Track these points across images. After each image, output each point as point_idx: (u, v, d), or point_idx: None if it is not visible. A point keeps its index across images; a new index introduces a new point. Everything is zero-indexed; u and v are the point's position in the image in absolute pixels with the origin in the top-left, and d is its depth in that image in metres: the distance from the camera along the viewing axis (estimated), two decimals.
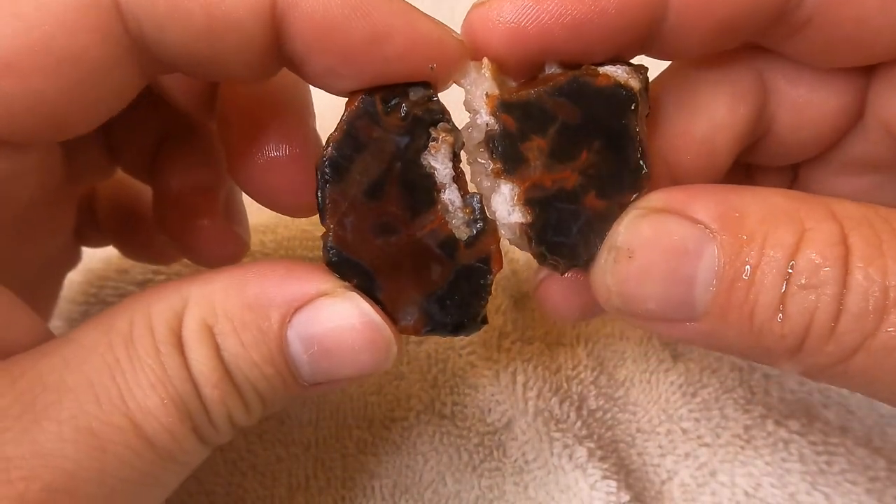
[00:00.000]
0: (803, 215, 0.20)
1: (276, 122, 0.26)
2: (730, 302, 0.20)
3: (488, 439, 0.34)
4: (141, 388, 0.21)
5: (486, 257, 0.23)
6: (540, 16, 0.22)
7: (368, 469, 0.34)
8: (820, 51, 0.24)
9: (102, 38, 0.20)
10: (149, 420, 0.21)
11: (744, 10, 0.22)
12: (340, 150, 0.22)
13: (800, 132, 0.26)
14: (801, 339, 0.20)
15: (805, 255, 0.20)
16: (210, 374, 0.21)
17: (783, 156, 0.27)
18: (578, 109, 0.22)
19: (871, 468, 0.32)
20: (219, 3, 0.20)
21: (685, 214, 0.21)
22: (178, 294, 0.22)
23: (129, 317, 0.22)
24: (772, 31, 0.23)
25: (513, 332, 0.35)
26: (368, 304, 0.23)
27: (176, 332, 0.22)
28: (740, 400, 0.34)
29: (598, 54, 0.23)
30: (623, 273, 0.22)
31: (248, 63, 0.22)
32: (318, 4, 0.21)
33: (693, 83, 0.25)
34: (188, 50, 0.21)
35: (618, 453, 0.34)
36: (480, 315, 0.24)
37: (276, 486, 0.33)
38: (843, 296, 0.19)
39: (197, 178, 0.30)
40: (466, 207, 0.23)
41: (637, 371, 0.35)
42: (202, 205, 0.30)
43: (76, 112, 0.21)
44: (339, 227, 0.23)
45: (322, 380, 0.23)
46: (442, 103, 0.23)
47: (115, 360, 0.21)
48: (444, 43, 0.22)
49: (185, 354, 0.21)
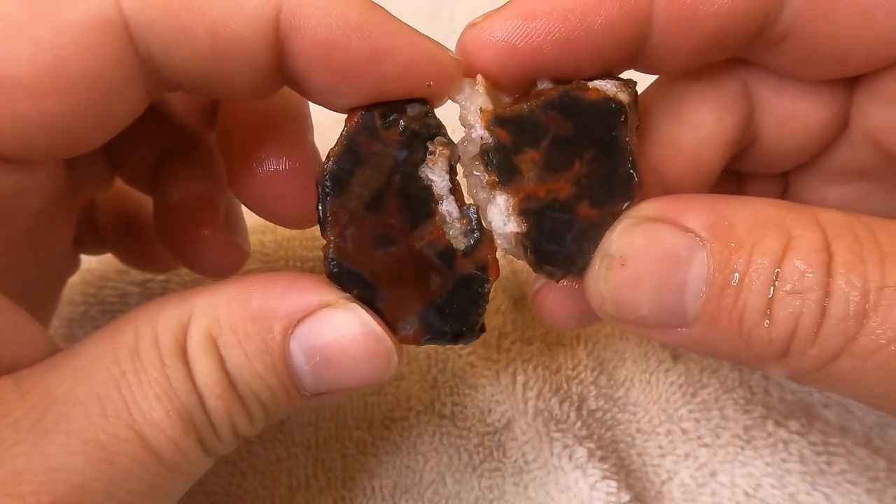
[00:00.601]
0: (790, 223, 0.21)
1: (276, 136, 0.26)
2: (719, 308, 0.21)
3: (488, 439, 0.34)
4: (147, 401, 0.21)
5: (484, 266, 0.24)
6: (529, 34, 0.22)
7: (368, 469, 0.34)
8: (799, 64, 0.24)
9: (114, 60, 0.21)
10: (155, 432, 0.21)
11: (724, 26, 0.23)
12: (341, 163, 0.23)
13: (786, 141, 0.26)
14: (786, 343, 0.20)
15: (791, 262, 0.20)
16: (214, 385, 0.22)
17: (771, 164, 0.28)
18: (570, 122, 0.23)
19: (871, 468, 0.32)
20: (224, 25, 0.21)
21: (677, 223, 0.22)
22: (183, 306, 0.22)
23: (134, 329, 0.22)
24: (753, 46, 0.24)
25: (513, 332, 0.35)
26: (369, 315, 0.23)
27: (181, 343, 0.22)
28: (740, 400, 0.34)
29: (587, 70, 0.23)
30: (616, 280, 0.22)
31: (251, 82, 0.22)
32: (320, 25, 0.21)
33: (680, 95, 0.26)
34: (193, 70, 0.22)
35: (618, 453, 0.34)
36: (479, 323, 0.24)
37: (276, 486, 0.33)
38: (825, 301, 0.20)
39: (197, 189, 0.30)
40: (463, 218, 0.24)
41: (637, 371, 0.35)
42: (203, 216, 0.30)
43: (87, 131, 0.22)
44: (340, 238, 0.23)
45: (324, 390, 0.23)
46: (438, 118, 0.23)
47: (121, 372, 0.21)
48: (440, 61, 0.23)
49: (190, 366, 0.22)
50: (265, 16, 0.21)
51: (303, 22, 0.21)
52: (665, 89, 0.26)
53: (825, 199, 0.28)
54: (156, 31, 0.21)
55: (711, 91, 0.26)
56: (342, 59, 0.21)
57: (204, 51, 0.21)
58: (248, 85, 0.22)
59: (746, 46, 0.24)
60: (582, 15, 0.22)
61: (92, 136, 0.22)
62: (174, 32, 0.21)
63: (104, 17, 0.20)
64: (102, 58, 0.20)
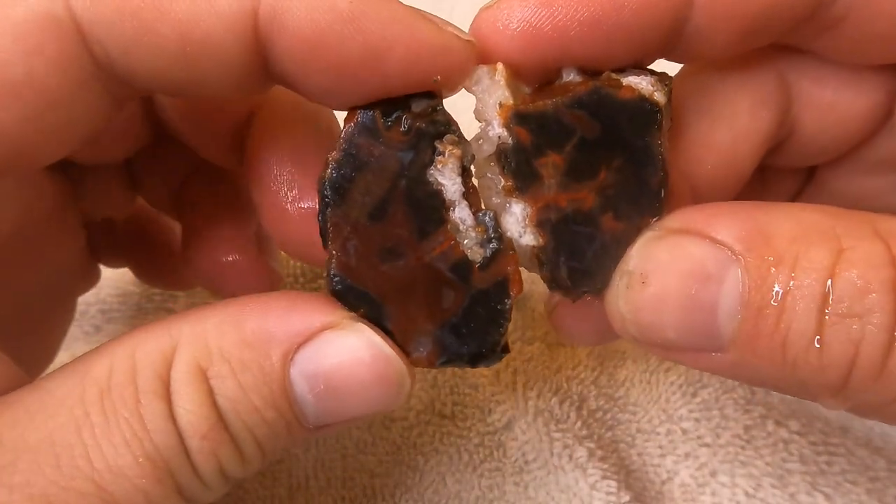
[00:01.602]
0: (840, 233, 0.18)
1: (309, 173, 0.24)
2: (758, 331, 0.18)
3: (488, 439, 0.34)
4: (112, 446, 0.19)
5: (504, 280, 0.21)
6: (554, 15, 0.20)
7: (368, 469, 0.34)
8: (853, 48, 0.22)
9: (63, 65, 0.19)
10: (119, 482, 0.18)
11: (774, 7, 0.20)
12: (340, 169, 0.21)
13: (825, 134, 0.24)
14: (845, 373, 0.18)
15: (844, 279, 0.18)
16: (199, 423, 0.19)
17: (806, 157, 0.26)
18: (598, 123, 0.21)
19: (872, 468, 0.32)
20: (194, 25, 0.19)
21: (705, 235, 0.19)
22: (167, 334, 0.20)
23: (108, 363, 0.20)
24: (802, 29, 0.22)
25: (513, 332, 0.35)
26: (378, 336, 0.21)
27: (163, 377, 0.19)
28: (740, 400, 0.34)
29: (617, 58, 0.21)
30: (636, 300, 0.20)
31: (229, 85, 0.20)
32: (306, 20, 0.19)
33: (712, 88, 0.24)
34: (160, 74, 0.19)
35: (618, 453, 0.34)
36: (501, 343, 0.22)
37: (276, 486, 0.33)
38: (894, 326, 0.17)
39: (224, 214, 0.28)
40: (479, 226, 0.21)
41: (637, 371, 0.35)
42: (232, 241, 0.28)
43: (40, 141, 0.20)
44: (343, 252, 0.21)
45: (329, 421, 0.21)
46: (448, 113, 0.21)
47: (85, 413, 0.19)
48: (448, 50, 0.20)
49: (172, 402, 0.19)
50: (241, 11, 0.19)
51: (286, 17, 0.19)
52: (695, 82, 0.24)
53: (858, 190, 0.26)
54: (112, 33, 0.19)
55: (746, 84, 0.23)
56: (334, 58, 0.19)
57: (171, 53, 0.19)
58: (227, 87, 0.20)
59: (794, 29, 0.22)
60: None
61: (48, 145, 0.20)
62: (134, 33, 0.18)
63: (50, 16, 0.18)
64: (48, 63, 0.18)
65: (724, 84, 0.24)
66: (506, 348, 0.22)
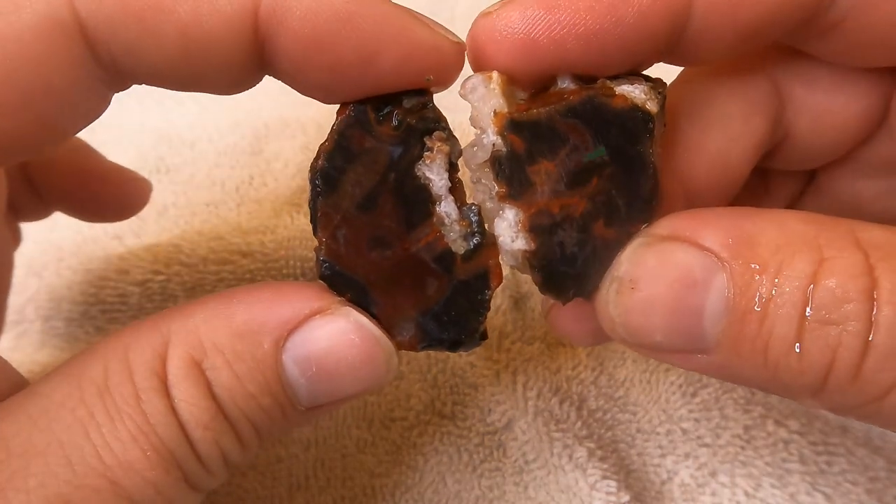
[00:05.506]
0: (823, 242, 0.19)
1: None
2: (742, 334, 0.19)
3: (488, 439, 0.34)
4: (120, 442, 0.19)
5: (485, 272, 0.22)
6: (551, 26, 0.20)
7: (368, 469, 0.34)
8: (850, 50, 0.23)
9: (69, 69, 0.19)
10: (130, 476, 0.19)
11: (773, 11, 0.21)
12: (331, 161, 0.22)
13: (819, 138, 0.25)
14: (823, 376, 0.19)
15: (824, 287, 0.18)
16: (201, 414, 0.20)
17: (803, 161, 0.26)
18: (591, 132, 0.21)
19: (871, 468, 0.32)
20: (196, 24, 0.19)
21: (693, 241, 0.20)
22: (157, 331, 0.21)
23: (102, 364, 0.20)
24: (800, 32, 0.22)
25: (513, 332, 0.35)
26: (365, 317, 0.22)
27: (158, 373, 0.20)
28: (740, 400, 0.34)
29: (613, 66, 0.21)
30: (626, 304, 0.21)
31: (227, 82, 0.21)
32: (305, 20, 0.19)
33: (705, 94, 0.24)
34: (161, 71, 0.20)
35: (618, 453, 0.34)
36: (479, 331, 0.23)
37: (276, 486, 0.33)
38: (869, 333, 0.18)
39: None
40: (463, 220, 0.22)
41: (637, 371, 0.35)
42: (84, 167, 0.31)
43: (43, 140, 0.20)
44: (332, 240, 0.22)
45: (322, 402, 0.22)
46: (438, 110, 0.22)
47: (89, 414, 0.19)
48: (440, 50, 0.21)
49: (171, 396, 0.20)
50: (242, 11, 0.19)
51: (286, 16, 0.19)
52: (688, 88, 0.24)
53: (859, 193, 0.26)
54: (117, 34, 0.19)
55: (738, 89, 0.24)
56: (330, 57, 0.20)
57: (173, 52, 0.19)
58: (224, 83, 0.21)
59: (792, 32, 0.22)
60: (611, 5, 0.20)
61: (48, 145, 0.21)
62: (138, 35, 0.19)
63: (56, 19, 0.19)
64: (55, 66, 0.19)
65: (717, 89, 0.24)
66: (484, 335, 0.23)
